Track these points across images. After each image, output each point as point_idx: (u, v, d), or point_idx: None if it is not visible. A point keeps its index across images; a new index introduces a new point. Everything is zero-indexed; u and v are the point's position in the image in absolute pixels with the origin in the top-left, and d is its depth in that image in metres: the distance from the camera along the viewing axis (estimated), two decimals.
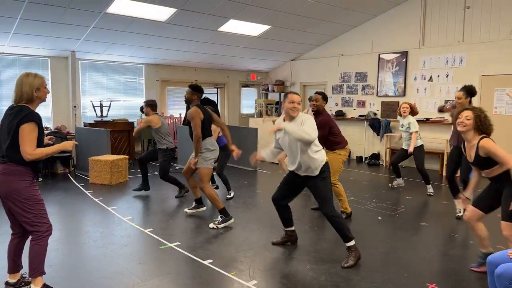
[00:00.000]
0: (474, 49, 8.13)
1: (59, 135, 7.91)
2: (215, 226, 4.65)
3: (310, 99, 5.18)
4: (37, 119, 2.82)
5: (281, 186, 4.00)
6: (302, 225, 4.77)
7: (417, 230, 4.76)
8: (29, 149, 2.76)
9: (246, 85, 12.57)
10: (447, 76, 8.57)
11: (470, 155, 3.39)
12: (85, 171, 7.60)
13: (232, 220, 4.75)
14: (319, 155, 3.69)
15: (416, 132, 6.19)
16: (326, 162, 3.76)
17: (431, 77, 8.82)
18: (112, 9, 7.07)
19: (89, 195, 6.25)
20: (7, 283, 3.07)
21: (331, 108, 10.82)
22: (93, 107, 9.08)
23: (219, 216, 4.72)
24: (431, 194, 6.31)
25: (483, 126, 3.28)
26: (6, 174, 2.80)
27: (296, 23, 9.05)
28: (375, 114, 9.82)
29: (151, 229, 4.60)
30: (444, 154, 8.25)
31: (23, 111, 2.79)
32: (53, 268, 3.48)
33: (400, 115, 6.44)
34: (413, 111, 6.41)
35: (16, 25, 7.03)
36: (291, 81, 11.72)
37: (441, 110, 5.77)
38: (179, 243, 4.15)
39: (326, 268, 3.56)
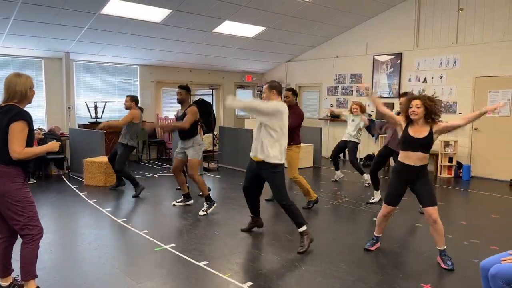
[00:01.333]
0: (467, 50, 8.18)
1: (53, 136, 7.87)
2: (205, 213, 5.22)
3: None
4: (28, 118, 2.78)
5: (246, 174, 4.38)
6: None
7: (411, 231, 4.78)
8: (18, 148, 2.70)
9: (242, 86, 12.56)
10: (441, 78, 8.62)
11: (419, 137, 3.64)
12: (80, 172, 7.55)
13: (215, 204, 5.37)
14: (275, 150, 3.95)
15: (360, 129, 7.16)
16: (281, 165, 4.03)
17: (425, 79, 8.86)
18: (107, 10, 7.05)
19: (84, 196, 6.21)
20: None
21: (325, 109, 10.85)
22: (88, 108, 9.03)
23: (205, 203, 5.30)
24: (368, 185, 6.99)
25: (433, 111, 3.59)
26: None
27: (291, 25, 9.06)
28: (369, 115, 9.83)
29: (146, 231, 4.58)
30: (438, 155, 8.29)
31: (13, 109, 2.75)
32: (47, 270, 3.45)
33: (352, 112, 7.24)
34: (362, 109, 7.27)
35: (10, 25, 6.99)
36: (286, 82, 11.72)
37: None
38: (174, 244, 4.14)
39: (321, 269, 3.56)
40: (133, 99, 6.36)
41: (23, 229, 2.81)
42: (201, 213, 5.22)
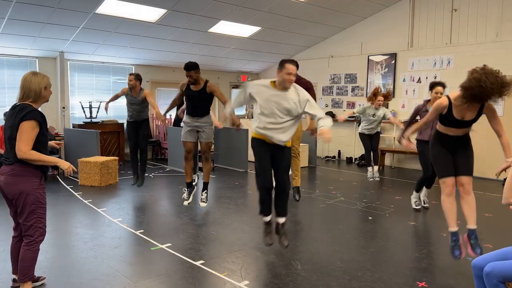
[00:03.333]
0: (461, 51, 8.25)
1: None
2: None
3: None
4: (39, 118, 2.77)
5: (261, 164, 3.79)
6: (293, 225, 4.78)
7: (406, 230, 4.81)
8: (24, 147, 2.68)
9: (237, 86, 12.57)
10: (435, 78, 8.65)
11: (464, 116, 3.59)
12: (74, 173, 7.50)
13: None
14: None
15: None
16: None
17: (419, 79, 8.92)
18: (102, 9, 7.02)
19: (79, 197, 6.19)
20: (14, 280, 3.08)
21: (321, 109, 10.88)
22: (82, 108, 9.00)
23: (204, 192, 5.38)
24: (372, 179, 7.16)
25: None
26: (13, 175, 2.75)
27: (287, 25, 9.09)
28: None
29: (142, 230, 4.58)
30: None
31: (25, 109, 2.75)
32: (43, 271, 3.43)
33: (372, 103, 6.96)
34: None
35: (4, 25, 6.94)
36: None
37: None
38: (170, 244, 4.13)
39: (317, 268, 3.58)
40: (138, 78, 6.00)
41: (26, 230, 2.82)
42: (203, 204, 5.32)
